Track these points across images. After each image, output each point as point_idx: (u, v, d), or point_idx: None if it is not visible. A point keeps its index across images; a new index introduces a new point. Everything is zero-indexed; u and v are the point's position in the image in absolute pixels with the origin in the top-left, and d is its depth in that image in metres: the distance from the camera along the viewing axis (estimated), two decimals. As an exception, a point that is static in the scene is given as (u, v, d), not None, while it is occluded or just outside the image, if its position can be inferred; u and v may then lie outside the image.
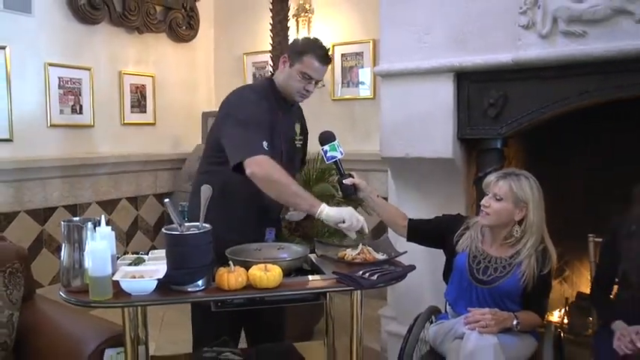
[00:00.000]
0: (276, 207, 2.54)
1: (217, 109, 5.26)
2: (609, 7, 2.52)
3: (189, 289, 1.83)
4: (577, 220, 3.16)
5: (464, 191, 3.11)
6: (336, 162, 2.47)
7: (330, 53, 2.55)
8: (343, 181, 2.49)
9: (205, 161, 2.58)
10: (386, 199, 3.81)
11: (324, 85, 2.51)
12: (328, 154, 2.44)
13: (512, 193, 2.34)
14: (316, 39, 2.61)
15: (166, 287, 1.82)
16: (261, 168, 2.24)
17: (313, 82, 2.53)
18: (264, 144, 2.30)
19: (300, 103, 2.71)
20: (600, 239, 2.59)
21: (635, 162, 2.32)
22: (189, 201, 2.32)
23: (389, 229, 3.62)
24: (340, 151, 2.46)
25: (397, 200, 3.42)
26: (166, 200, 1.92)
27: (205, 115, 5.44)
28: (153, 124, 5.48)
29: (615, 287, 2.46)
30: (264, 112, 2.45)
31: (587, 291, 2.58)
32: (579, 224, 2.99)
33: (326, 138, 2.46)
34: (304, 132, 2.79)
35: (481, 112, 2.95)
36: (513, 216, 2.35)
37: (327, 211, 2.23)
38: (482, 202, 2.39)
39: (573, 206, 3.30)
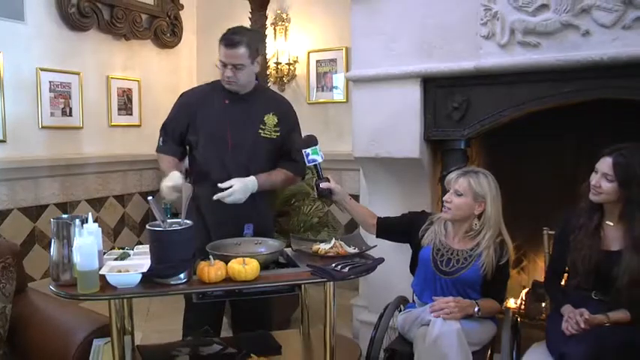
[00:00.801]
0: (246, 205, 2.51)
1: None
2: (559, 20, 2.58)
3: (172, 282, 1.83)
4: (533, 215, 3.20)
5: (430, 188, 3.14)
6: (315, 165, 2.46)
7: (235, 37, 2.49)
8: (320, 184, 2.50)
9: None
10: (358, 196, 3.84)
11: (235, 74, 2.39)
12: (310, 157, 2.43)
13: (471, 188, 2.37)
14: (233, 27, 2.57)
15: (150, 280, 1.82)
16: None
17: (229, 68, 2.50)
18: (160, 140, 2.68)
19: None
20: (553, 232, 2.63)
21: (582, 163, 2.37)
22: None
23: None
24: (321, 155, 2.45)
25: (368, 197, 3.44)
26: (150, 198, 1.91)
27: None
28: (139, 126, 5.44)
29: (565, 276, 2.51)
30: (182, 109, 2.65)
31: (542, 279, 2.62)
32: (535, 219, 3.04)
33: (308, 142, 2.45)
34: (286, 128, 2.67)
35: (446, 115, 2.98)
36: (473, 210, 2.39)
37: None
38: (445, 197, 2.43)
39: (530, 202, 3.35)
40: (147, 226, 1.85)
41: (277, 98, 2.76)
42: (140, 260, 1.91)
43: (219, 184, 2.40)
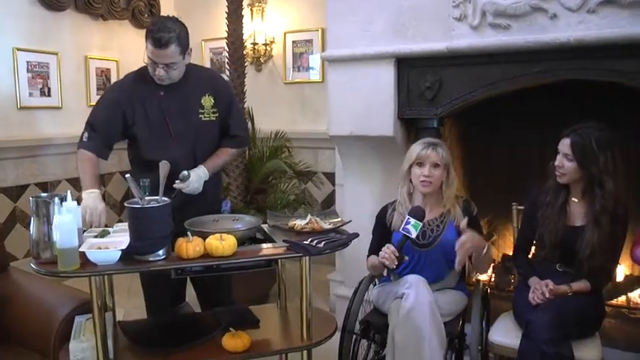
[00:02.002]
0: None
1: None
2: (528, 3, 2.61)
3: (151, 259, 1.83)
4: (503, 191, 3.25)
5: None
6: (407, 236, 2.27)
7: (165, 36, 2.26)
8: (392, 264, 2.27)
9: None
10: (333, 174, 3.86)
11: (170, 71, 2.28)
12: (407, 227, 2.25)
13: (443, 159, 2.43)
14: (157, 21, 2.34)
15: (130, 257, 1.81)
16: None
17: (161, 66, 2.33)
18: (85, 135, 2.52)
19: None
20: (522, 207, 2.68)
21: (550, 142, 2.40)
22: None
23: (336, 201, 3.68)
24: (415, 233, 2.25)
25: (343, 175, 3.46)
26: (127, 175, 1.90)
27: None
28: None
29: (533, 249, 2.56)
30: (114, 106, 2.47)
31: (511, 253, 2.67)
32: (505, 194, 3.08)
33: (417, 213, 2.27)
34: (222, 108, 2.57)
35: (419, 94, 3.00)
36: (443, 178, 2.45)
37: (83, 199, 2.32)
38: (423, 172, 2.42)
39: (500, 179, 3.40)
40: (125, 204, 1.84)
41: (209, 76, 2.61)
42: (119, 237, 1.90)
43: (175, 185, 2.34)
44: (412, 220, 2.24)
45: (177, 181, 2.35)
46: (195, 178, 2.41)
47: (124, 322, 2.23)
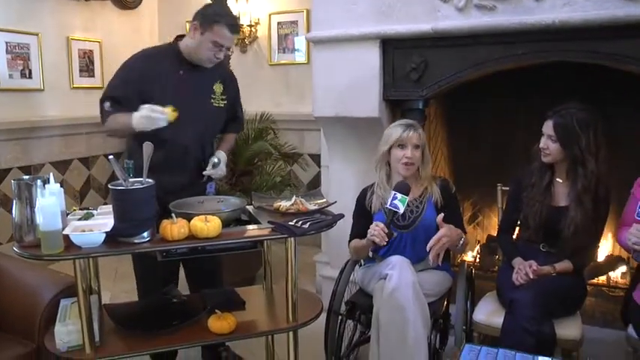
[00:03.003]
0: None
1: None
2: (514, -15, 2.59)
3: (136, 241, 1.81)
4: (488, 172, 3.28)
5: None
6: (393, 212, 2.26)
7: (237, 21, 2.48)
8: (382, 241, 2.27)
9: None
10: (319, 155, 3.86)
11: (232, 52, 2.44)
12: (394, 202, 2.24)
13: (422, 139, 2.46)
14: (225, 6, 2.50)
15: (114, 239, 1.80)
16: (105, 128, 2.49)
17: (224, 49, 2.46)
18: (106, 104, 2.47)
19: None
20: (507, 188, 2.69)
21: (535, 124, 2.42)
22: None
23: (322, 182, 3.68)
24: (402, 208, 2.25)
25: (329, 156, 3.45)
26: (110, 157, 1.88)
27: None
28: (101, 88, 5.20)
29: (517, 230, 2.58)
30: (135, 77, 2.45)
31: (496, 234, 2.69)
32: (490, 175, 3.11)
33: (402, 188, 2.27)
34: (231, 93, 2.68)
35: (404, 75, 2.99)
36: (421, 158, 2.47)
37: (134, 123, 2.28)
38: (405, 154, 2.42)
39: (486, 161, 3.42)
40: (109, 185, 1.82)
41: (219, 64, 2.63)
42: (103, 220, 1.89)
43: (206, 172, 2.54)
44: (399, 195, 2.24)
45: (208, 168, 2.55)
46: (224, 164, 2.60)
47: (109, 305, 2.23)
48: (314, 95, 3.23)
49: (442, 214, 2.33)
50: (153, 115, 2.23)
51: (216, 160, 2.57)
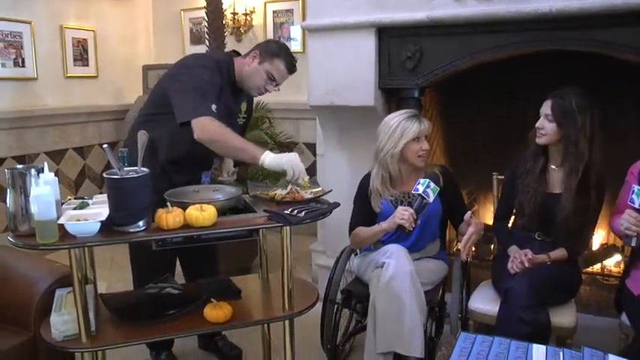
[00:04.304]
0: (211, 155, 2.51)
1: (157, 63, 5.08)
2: (510, -28, 2.58)
3: (131, 230, 1.81)
4: (484, 161, 3.28)
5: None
6: (423, 200, 2.25)
7: (296, 64, 2.55)
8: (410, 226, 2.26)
9: (150, 111, 2.50)
10: (314, 144, 3.85)
11: (279, 90, 2.49)
12: (427, 191, 2.24)
13: (429, 128, 2.48)
14: (287, 47, 2.56)
15: (110, 229, 1.79)
16: (205, 130, 2.23)
17: (274, 84, 2.52)
18: (213, 107, 2.28)
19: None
20: (502, 177, 2.69)
21: (531, 114, 2.42)
22: (126, 145, 2.33)
23: (317, 171, 3.68)
24: (433, 198, 2.26)
25: (324, 145, 3.45)
26: (105, 145, 1.87)
27: (145, 68, 5.25)
28: (95, 77, 5.28)
29: (512, 219, 2.59)
30: (216, 81, 2.40)
31: (491, 223, 2.70)
32: (486, 164, 3.11)
33: (436, 181, 2.29)
34: (249, 113, 2.78)
35: (400, 64, 2.98)
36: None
37: (268, 161, 2.21)
38: (425, 147, 2.44)
39: (482, 150, 3.42)
40: (104, 174, 1.81)
41: None
42: (99, 209, 1.88)
43: (222, 178, 2.63)
44: (432, 184, 2.24)
45: (225, 174, 2.66)
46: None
47: (105, 295, 2.23)
48: (309, 84, 3.21)
49: (469, 212, 2.37)
50: (299, 168, 2.26)
51: (233, 168, 2.67)
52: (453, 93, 3.35)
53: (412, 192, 2.31)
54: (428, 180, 2.25)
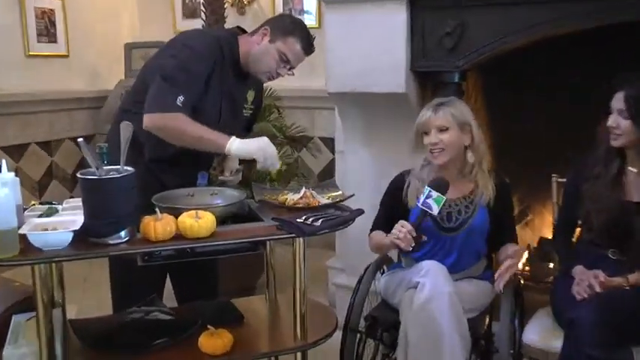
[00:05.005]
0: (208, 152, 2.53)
1: (142, 40, 5.10)
2: None
3: (111, 242, 1.80)
4: (540, 160, 3.25)
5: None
6: (426, 213, 2.28)
7: (313, 43, 2.55)
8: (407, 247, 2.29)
9: (135, 98, 2.49)
10: (333, 139, 3.84)
11: (293, 74, 2.51)
12: (427, 201, 2.25)
13: (454, 117, 2.42)
14: (303, 22, 2.57)
15: (84, 240, 1.79)
16: (151, 118, 2.28)
17: (287, 67, 2.52)
18: (180, 99, 2.29)
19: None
20: (564, 180, 2.67)
21: (601, 100, 2.39)
22: (108, 140, 2.32)
23: (336, 171, 3.68)
24: (437, 209, 2.26)
25: (345, 140, 3.44)
26: (80, 140, 1.87)
27: (129, 47, 5.29)
28: (66, 56, 5.30)
29: (578, 231, 2.56)
30: (203, 67, 2.38)
31: (550, 236, 2.67)
32: (542, 164, 3.08)
33: (439, 186, 2.29)
34: (257, 104, 2.79)
35: (437, 42, 2.97)
36: (463, 142, 2.45)
37: (235, 148, 2.25)
38: (429, 140, 2.43)
39: (536, 145, 3.39)
40: (78, 174, 1.81)
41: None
42: (71, 216, 1.88)
43: (223, 177, 2.59)
44: (434, 194, 2.23)
45: (226, 174, 2.61)
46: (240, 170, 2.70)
47: (76, 321, 2.23)
48: (327, 67, 3.22)
49: (516, 247, 2.43)
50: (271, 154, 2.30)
51: (238, 166, 2.63)
52: (502, 78, 3.33)
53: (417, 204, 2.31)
54: (429, 188, 2.26)
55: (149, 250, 1.86)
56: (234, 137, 2.27)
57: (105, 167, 1.84)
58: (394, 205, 2.55)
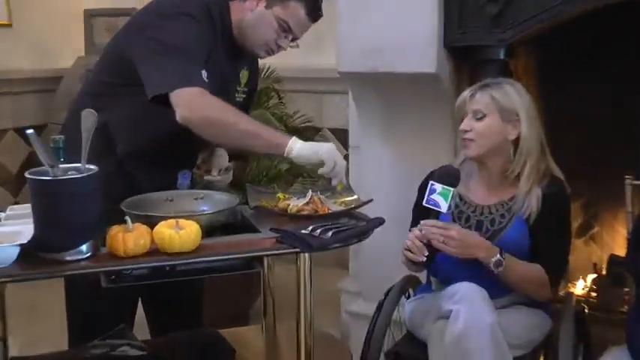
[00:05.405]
0: (196, 147, 2.58)
1: (107, 6, 5.09)
2: None
3: (68, 258, 1.81)
4: (609, 158, 3.24)
5: (451, 119, 3.14)
6: (430, 209, 2.32)
7: (321, 7, 2.55)
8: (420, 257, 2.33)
9: (102, 78, 2.53)
10: (346, 130, 3.86)
11: (297, 46, 2.50)
12: (431, 197, 2.30)
13: (495, 103, 2.43)
14: None
15: (34, 256, 1.79)
16: (195, 107, 2.23)
17: (289, 38, 2.54)
18: (203, 73, 2.30)
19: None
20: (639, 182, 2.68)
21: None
22: (65, 132, 2.33)
23: (350, 170, 3.69)
24: (449, 207, 2.30)
25: (361, 132, 3.45)
26: (30, 131, 1.88)
27: (89, 15, 5.31)
28: (8, 26, 5.31)
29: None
30: (207, 36, 2.42)
31: (623, 253, 2.67)
32: (612, 163, 3.08)
33: (445, 177, 2.33)
34: (252, 87, 2.83)
35: (477, 10, 2.99)
36: (505, 135, 2.45)
37: (297, 150, 2.22)
38: (461, 127, 2.46)
39: (605, 139, 3.39)
40: (27, 174, 1.80)
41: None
42: (16, 226, 1.90)
43: (210, 177, 2.60)
44: (438, 187, 2.26)
45: (213, 172, 2.63)
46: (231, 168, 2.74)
47: (21, 359, 2.24)
48: (338, 41, 3.24)
49: None
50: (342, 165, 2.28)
51: (228, 164, 2.66)
52: (559, 54, 3.34)
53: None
54: (431, 182, 2.29)
55: (117, 268, 1.86)
56: (295, 137, 2.25)
57: (61, 165, 1.84)
58: (425, 210, 2.56)
